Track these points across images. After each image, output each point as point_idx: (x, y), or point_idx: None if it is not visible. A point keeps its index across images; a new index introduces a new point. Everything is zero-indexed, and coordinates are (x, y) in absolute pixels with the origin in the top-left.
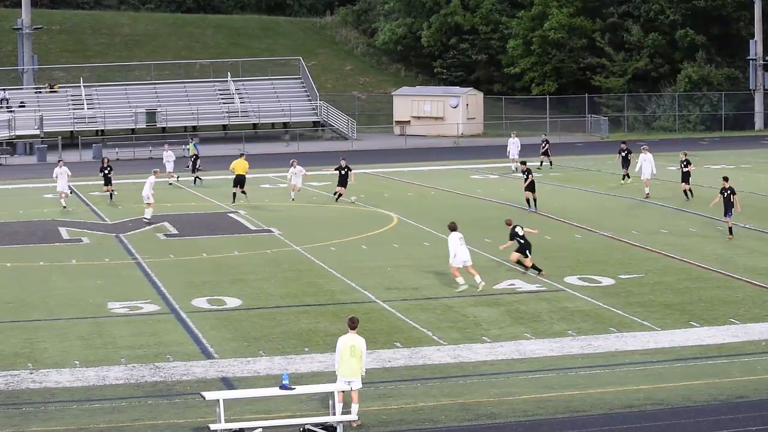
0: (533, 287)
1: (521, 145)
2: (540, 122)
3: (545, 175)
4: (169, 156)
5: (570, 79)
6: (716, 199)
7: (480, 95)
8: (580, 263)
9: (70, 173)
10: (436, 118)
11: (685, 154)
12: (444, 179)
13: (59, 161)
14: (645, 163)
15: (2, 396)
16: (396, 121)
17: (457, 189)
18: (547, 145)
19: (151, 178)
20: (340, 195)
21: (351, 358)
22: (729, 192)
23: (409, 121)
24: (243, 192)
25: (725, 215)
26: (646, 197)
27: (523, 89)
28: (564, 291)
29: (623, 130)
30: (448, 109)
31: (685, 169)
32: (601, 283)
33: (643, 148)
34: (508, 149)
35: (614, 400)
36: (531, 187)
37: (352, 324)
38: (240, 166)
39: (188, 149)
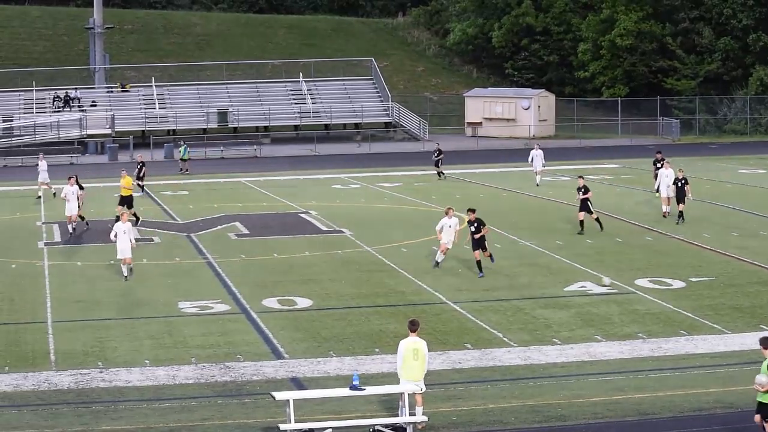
0: (604, 289)
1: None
2: (612, 124)
3: (526, 184)
4: (42, 165)
5: (641, 81)
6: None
7: (552, 97)
8: (651, 266)
9: (82, 192)
10: (508, 120)
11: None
12: (515, 181)
13: (70, 178)
14: (664, 178)
15: (72, 394)
16: (467, 123)
17: (529, 191)
18: (441, 155)
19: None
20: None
21: (414, 362)
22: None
23: (481, 123)
24: (134, 215)
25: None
26: (665, 216)
27: (595, 92)
28: (635, 293)
29: (695, 133)
30: (520, 111)
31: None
32: (671, 285)
33: (666, 163)
34: (531, 160)
35: (684, 403)
36: (586, 207)
37: (413, 327)
38: (124, 185)
39: (180, 153)
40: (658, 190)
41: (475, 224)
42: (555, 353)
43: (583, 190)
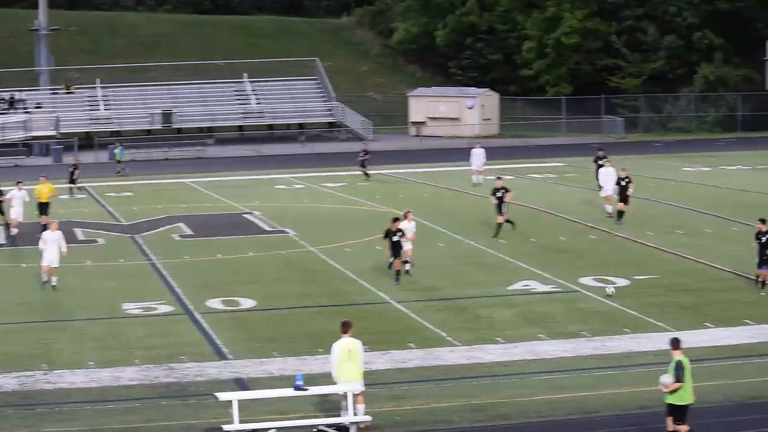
0: (547, 288)
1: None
2: (556, 123)
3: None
4: None
5: (586, 80)
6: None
7: (496, 96)
8: (594, 264)
9: (27, 199)
10: (452, 119)
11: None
12: (459, 180)
13: (18, 183)
14: (607, 177)
15: (17, 396)
16: (412, 122)
17: (473, 190)
18: (367, 155)
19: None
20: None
21: (349, 363)
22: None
23: (425, 122)
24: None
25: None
26: (609, 216)
27: (539, 90)
28: (578, 292)
29: (640, 131)
30: (464, 110)
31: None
32: (615, 283)
33: (607, 162)
34: (471, 160)
35: (628, 401)
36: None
37: (346, 328)
38: (41, 191)
39: (116, 155)
40: (601, 188)
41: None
42: (499, 352)
43: (502, 191)
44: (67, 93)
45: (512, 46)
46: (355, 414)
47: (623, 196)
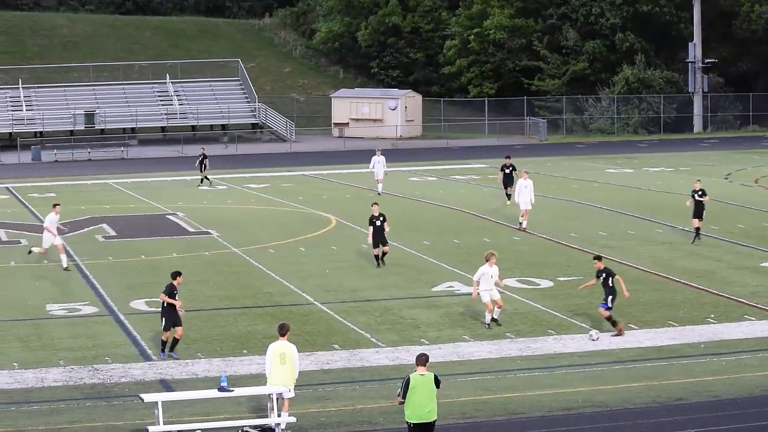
0: (467, 290)
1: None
2: (479, 124)
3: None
4: None
5: (508, 80)
6: None
7: (419, 97)
8: (518, 265)
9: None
10: (375, 120)
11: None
12: (384, 181)
13: (55, 205)
14: (524, 190)
15: None
16: (334, 123)
17: (396, 191)
18: (205, 159)
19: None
20: None
21: (281, 366)
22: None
23: (348, 123)
24: None
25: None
26: (522, 229)
27: (462, 91)
28: (502, 293)
29: (562, 133)
30: (387, 111)
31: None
32: (539, 285)
33: (525, 173)
34: (372, 167)
35: (553, 402)
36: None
37: (282, 330)
38: None
39: None
40: (509, 198)
41: (381, 219)
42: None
43: (381, 218)
44: None
45: (436, 46)
46: (279, 415)
47: (699, 212)
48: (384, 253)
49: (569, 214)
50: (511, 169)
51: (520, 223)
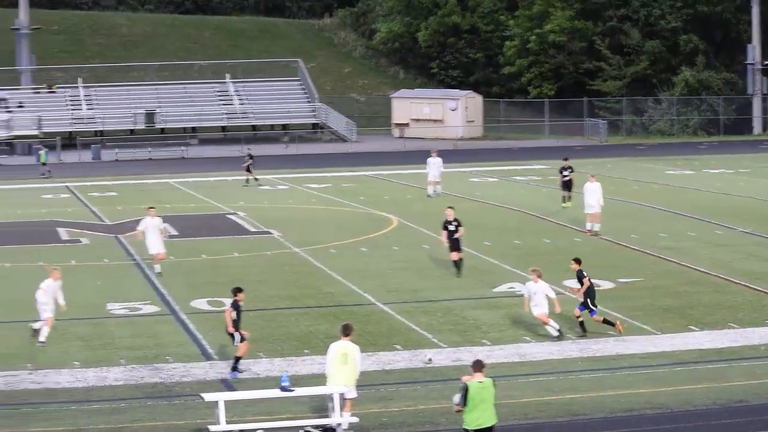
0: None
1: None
2: (539, 125)
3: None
4: None
5: (568, 81)
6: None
7: (479, 98)
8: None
9: (162, 227)
10: (435, 121)
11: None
12: (444, 182)
13: (150, 208)
14: (591, 193)
15: (1, 396)
16: (395, 124)
17: (457, 192)
18: (251, 160)
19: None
20: None
21: (343, 366)
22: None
23: (408, 124)
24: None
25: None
26: (593, 234)
27: (521, 91)
28: (563, 294)
29: (622, 134)
30: (447, 112)
31: (566, 178)
32: (600, 286)
33: (591, 176)
34: (427, 170)
35: (614, 403)
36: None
37: (346, 331)
38: None
39: (40, 157)
40: (568, 200)
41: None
42: (485, 354)
43: (455, 223)
44: (50, 92)
45: (495, 46)
46: (341, 416)
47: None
48: (460, 260)
49: (629, 215)
50: (569, 170)
51: (589, 229)
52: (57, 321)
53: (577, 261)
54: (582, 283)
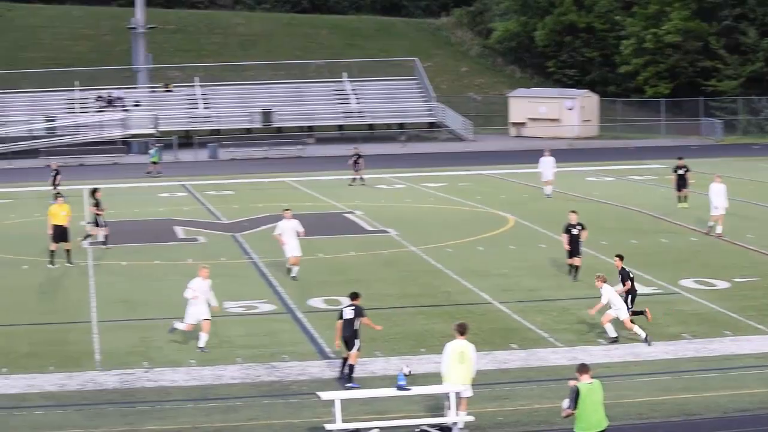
0: (648, 290)
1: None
2: (655, 125)
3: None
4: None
5: (683, 81)
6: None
7: (595, 97)
8: (695, 266)
9: (301, 229)
10: (552, 120)
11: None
12: (560, 181)
13: (286, 210)
14: (717, 195)
15: (117, 394)
16: (512, 123)
17: (573, 191)
18: (360, 158)
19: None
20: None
21: (460, 365)
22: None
23: (525, 123)
24: (67, 250)
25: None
26: (718, 236)
27: (637, 91)
28: (679, 294)
29: (738, 134)
30: (564, 111)
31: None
32: (716, 286)
33: (717, 177)
34: (539, 170)
35: (729, 403)
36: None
37: (461, 330)
38: (56, 213)
39: (151, 155)
40: (683, 200)
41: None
42: (600, 354)
43: (579, 227)
44: (166, 91)
45: (611, 46)
46: (457, 415)
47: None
48: (576, 266)
49: (746, 214)
50: (684, 170)
51: (711, 227)
52: (172, 320)
53: (620, 257)
54: (624, 284)
